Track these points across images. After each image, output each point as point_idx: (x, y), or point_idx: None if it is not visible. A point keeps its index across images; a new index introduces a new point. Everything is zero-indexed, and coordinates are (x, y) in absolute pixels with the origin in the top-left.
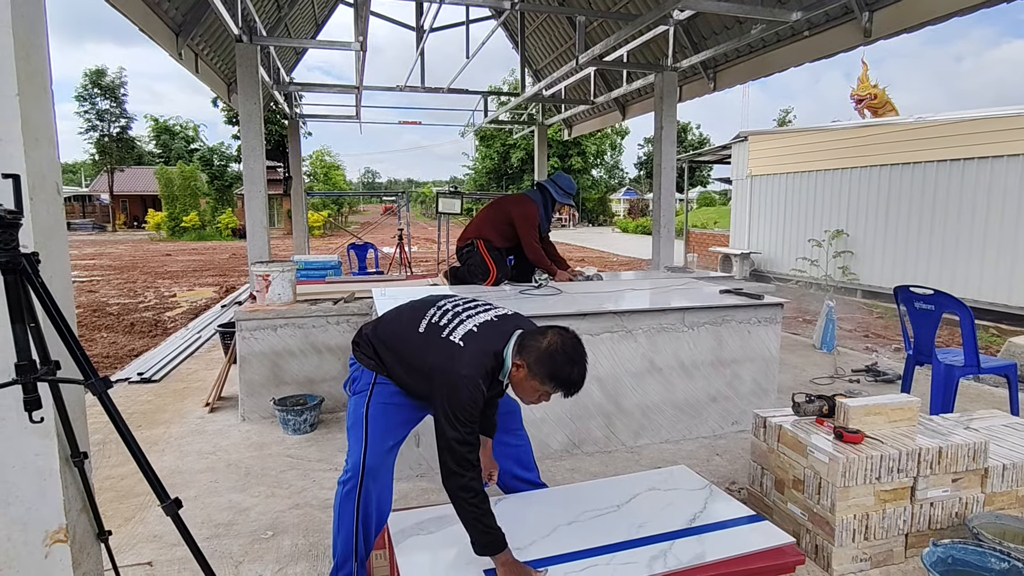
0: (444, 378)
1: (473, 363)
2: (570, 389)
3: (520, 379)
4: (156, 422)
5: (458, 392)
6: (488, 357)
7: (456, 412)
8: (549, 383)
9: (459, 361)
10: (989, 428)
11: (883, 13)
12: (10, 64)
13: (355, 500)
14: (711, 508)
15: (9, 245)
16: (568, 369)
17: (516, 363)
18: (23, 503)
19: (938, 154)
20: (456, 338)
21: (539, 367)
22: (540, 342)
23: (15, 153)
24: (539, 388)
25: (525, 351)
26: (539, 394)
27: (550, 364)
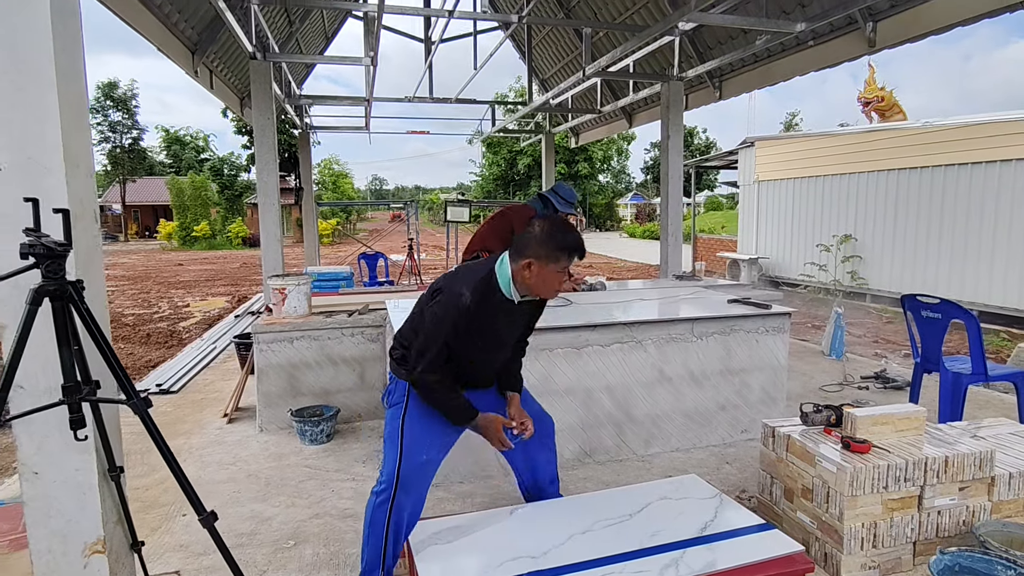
0: (437, 297)
1: (465, 281)
2: (579, 251)
3: (536, 274)
4: (176, 433)
5: (435, 305)
6: (477, 273)
7: (428, 324)
8: (563, 255)
9: (452, 280)
10: (996, 436)
11: (886, 23)
12: (53, 100)
13: (387, 511)
14: (722, 517)
15: (58, 275)
16: (570, 236)
17: (524, 264)
18: (63, 516)
19: (946, 158)
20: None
21: (546, 249)
22: (532, 235)
23: (58, 183)
24: (556, 268)
25: (526, 250)
26: (559, 275)
27: (554, 241)
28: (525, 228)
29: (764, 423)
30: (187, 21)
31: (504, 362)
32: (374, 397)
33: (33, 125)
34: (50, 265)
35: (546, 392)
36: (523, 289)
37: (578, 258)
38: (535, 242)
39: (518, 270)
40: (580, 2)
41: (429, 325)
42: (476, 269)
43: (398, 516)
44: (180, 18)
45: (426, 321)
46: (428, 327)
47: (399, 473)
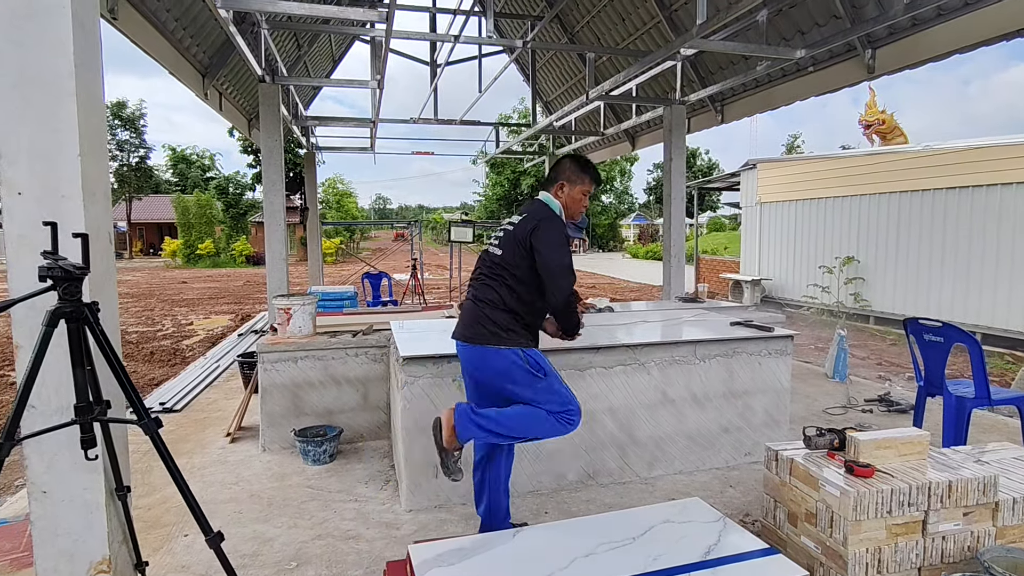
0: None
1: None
2: (598, 176)
3: (571, 195)
4: (179, 452)
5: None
6: (545, 209)
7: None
8: (586, 177)
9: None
10: (1000, 461)
11: (885, 50)
12: (73, 128)
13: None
14: (725, 541)
15: (74, 297)
16: (589, 165)
17: (558, 187)
18: (70, 535)
19: (948, 181)
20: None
21: (573, 174)
22: (562, 166)
23: (76, 208)
24: (582, 189)
25: (558, 178)
26: (583, 196)
27: (578, 167)
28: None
29: (767, 446)
30: (199, 45)
31: None
32: (378, 417)
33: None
34: (67, 287)
35: None
36: (563, 212)
37: (596, 184)
38: (566, 168)
39: (554, 193)
40: (583, 27)
41: (553, 244)
42: (539, 208)
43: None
44: (192, 43)
45: (548, 246)
46: (553, 245)
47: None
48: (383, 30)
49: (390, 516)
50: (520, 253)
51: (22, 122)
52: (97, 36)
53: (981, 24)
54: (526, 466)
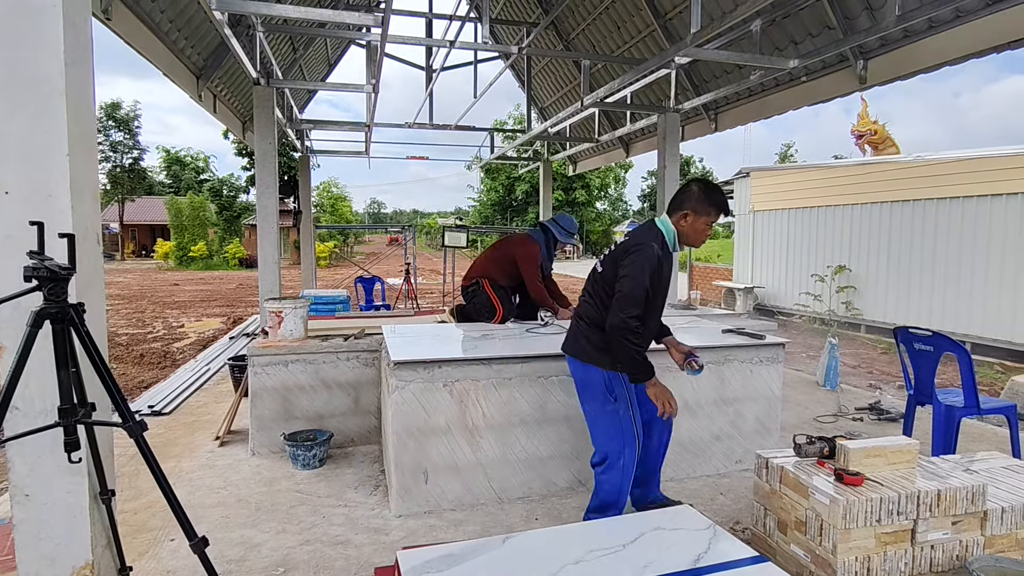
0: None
1: (645, 238)
2: (726, 209)
3: (691, 225)
4: (167, 456)
5: (635, 255)
6: (650, 233)
7: (632, 270)
8: (712, 209)
9: (635, 239)
10: (989, 470)
11: (877, 61)
12: (62, 128)
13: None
14: (715, 549)
15: (60, 297)
16: (718, 195)
17: (681, 215)
18: (53, 539)
19: (938, 192)
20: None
21: (699, 205)
22: (690, 191)
23: (64, 208)
24: (706, 221)
25: (684, 204)
26: (706, 227)
27: (705, 199)
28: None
29: (758, 454)
30: (193, 47)
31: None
32: (368, 422)
33: (42, 151)
34: (53, 288)
35: (541, 419)
36: (680, 240)
37: (724, 214)
38: (693, 197)
39: (676, 221)
40: (579, 35)
41: (633, 273)
42: (645, 231)
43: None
44: (187, 44)
45: (628, 272)
46: (632, 274)
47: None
48: (379, 34)
49: (379, 522)
50: (614, 272)
51: (11, 120)
52: (88, 35)
53: (971, 36)
54: (517, 472)
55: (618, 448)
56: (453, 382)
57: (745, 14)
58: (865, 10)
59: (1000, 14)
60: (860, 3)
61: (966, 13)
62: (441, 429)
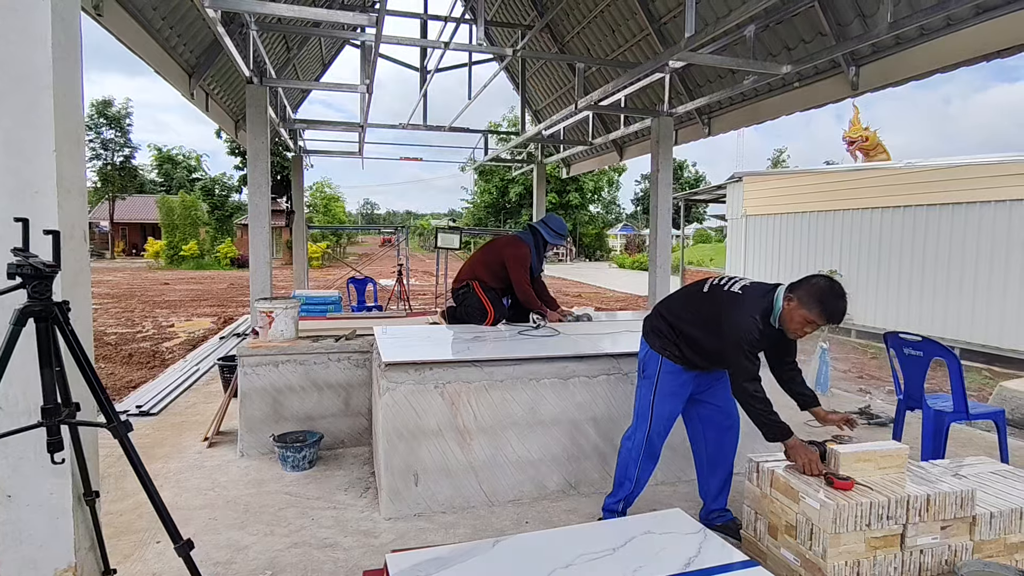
0: (734, 317)
1: (753, 305)
2: (833, 318)
3: (791, 311)
4: (154, 457)
5: (744, 325)
6: (762, 300)
7: (743, 339)
8: (816, 309)
9: (743, 305)
10: (978, 475)
11: (869, 68)
12: (49, 123)
13: (637, 460)
14: (705, 553)
15: (44, 295)
16: (834, 302)
17: (788, 297)
18: (35, 541)
19: (928, 198)
20: (735, 289)
21: (809, 299)
22: (809, 281)
23: (50, 205)
24: (807, 317)
25: (799, 287)
26: (806, 323)
27: (819, 296)
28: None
29: (749, 458)
30: (186, 45)
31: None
32: (359, 423)
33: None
34: (37, 286)
35: (532, 422)
36: (779, 320)
37: (832, 324)
38: (808, 288)
39: (785, 297)
40: (574, 38)
41: (728, 346)
42: (761, 294)
43: (642, 467)
44: (179, 42)
45: (726, 346)
46: (728, 347)
47: (647, 442)
48: (373, 35)
49: (368, 524)
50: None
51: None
52: (77, 31)
53: (962, 45)
54: (507, 475)
55: (632, 425)
56: (444, 384)
57: (739, 19)
58: (857, 17)
59: (990, 23)
60: (853, 10)
61: (957, 22)
62: (432, 431)
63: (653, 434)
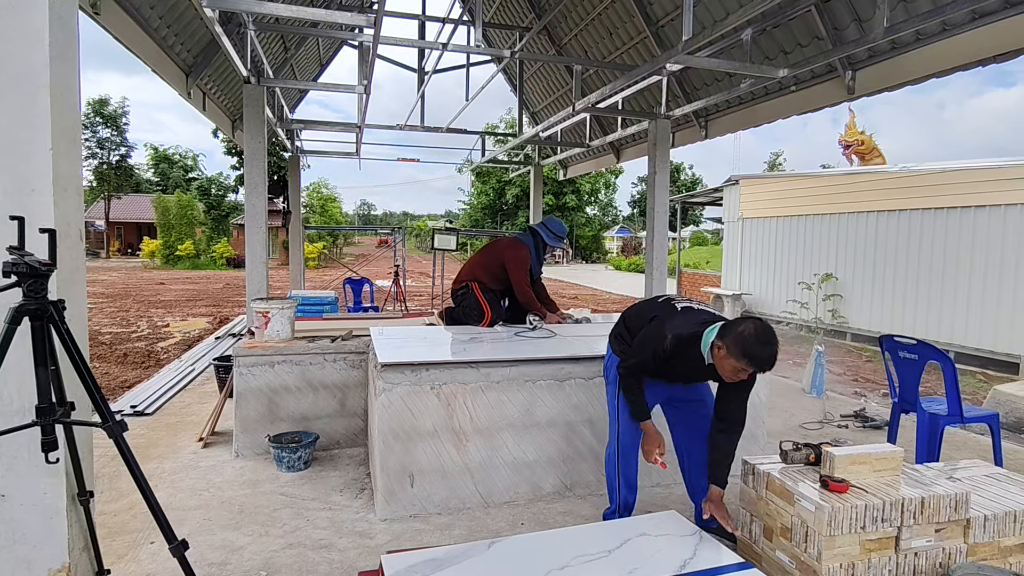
0: (657, 325)
1: (679, 326)
2: (760, 366)
3: (720, 359)
4: (149, 457)
5: (656, 336)
6: (692, 327)
7: (647, 344)
8: (743, 360)
9: (672, 319)
10: (972, 478)
11: (865, 72)
12: (46, 122)
13: (615, 464)
14: (701, 555)
15: (39, 294)
16: (759, 349)
17: (717, 344)
18: (29, 541)
19: (923, 202)
20: (680, 306)
21: (734, 347)
22: (741, 327)
23: (46, 203)
24: (735, 366)
25: (726, 334)
26: (737, 371)
27: (743, 345)
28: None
29: (744, 460)
30: (183, 44)
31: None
32: (355, 424)
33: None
34: (32, 284)
35: (528, 424)
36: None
37: (761, 371)
38: (733, 335)
39: (713, 345)
40: (571, 40)
41: (638, 342)
42: (694, 319)
43: (624, 469)
44: (176, 41)
45: (640, 336)
46: (637, 343)
47: (619, 447)
48: (371, 35)
49: (364, 525)
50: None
51: None
52: (75, 29)
53: (957, 50)
54: (503, 476)
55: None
56: (440, 385)
57: (736, 23)
58: (854, 21)
59: (985, 28)
60: (849, 15)
61: (952, 27)
62: (428, 432)
63: (624, 440)
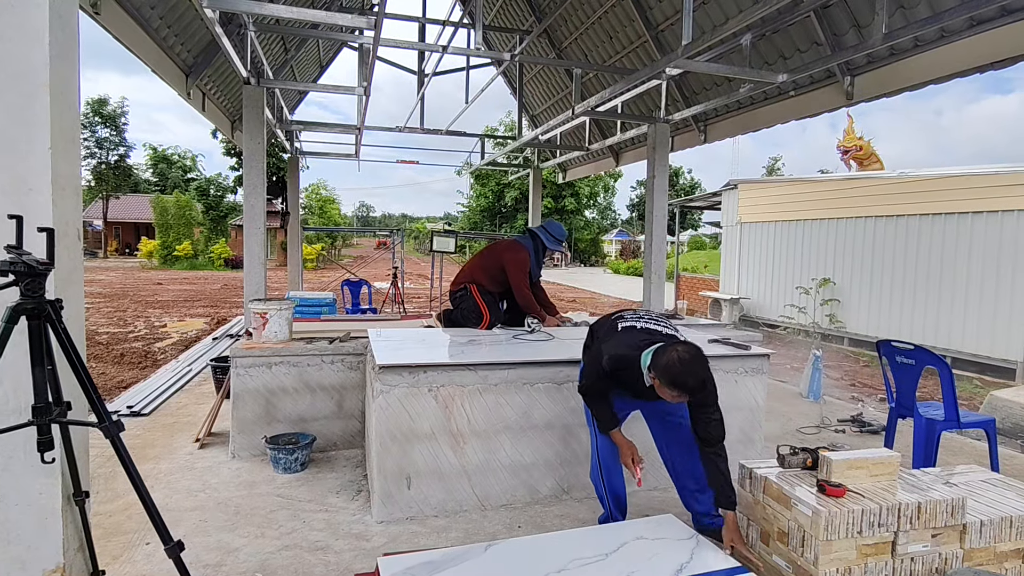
0: (599, 346)
1: (615, 346)
2: (690, 392)
3: (657, 386)
4: (145, 457)
5: (596, 358)
6: (627, 349)
7: (588, 368)
8: (672, 389)
9: (610, 341)
10: (968, 483)
11: (864, 78)
12: (45, 121)
13: (599, 477)
14: (698, 558)
15: (37, 293)
16: (684, 378)
17: (650, 373)
18: (24, 541)
19: (920, 208)
20: (621, 325)
21: (663, 376)
22: (669, 356)
23: (44, 203)
24: (669, 393)
25: (655, 364)
26: (673, 397)
27: (669, 374)
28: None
29: (741, 464)
30: (183, 44)
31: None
32: (352, 426)
33: (23, 144)
34: (30, 283)
35: (526, 426)
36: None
37: (692, 397)
38: (661, 366)
39: (650, 375)
40: (571, 43)
41: (586, 361)
42: (632, 340)
43: (608, 479)
44: (176, 41)
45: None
46: (586, 362)
47: (598, 455)
48: (371, 37)
49: (360, 527)
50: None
51: None
52: (75, 28)
53: (956, 56)
54: (500, 479)
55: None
56: (438, 387)
57: (735, 28)
58: (853, 27)
59: (983, 35)
60: (848, 21)
61: (951, 33)
62: (425, 434)
63: (603, 452)
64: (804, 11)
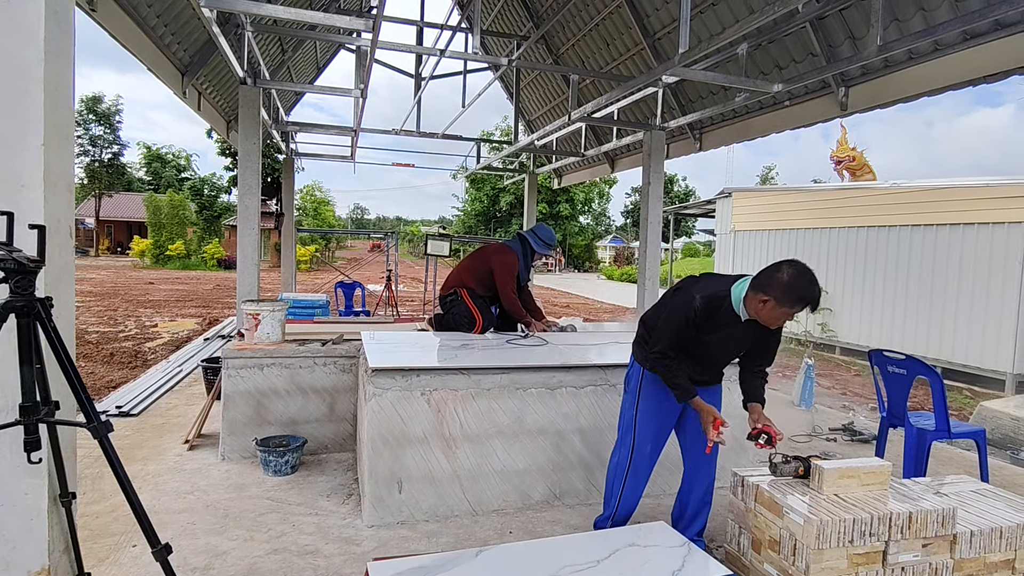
0: (679, 296)
1: (703, 287)
2: (815, 305)
3: (768, 310)
4: (133, 458)
5: (681, 301)
6: (715, 287)
7: (674, 315)
8: (798, 305)
9: (693, 286)
10: (958, 494)
11: (858, 89)
12: (39, 117)
13: (623, 475)
14: (689, 566)
15: (27, 291)
16: (810, 289)
17: (762, 299)
18: (8, 543)
19: (912, 219)
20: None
21: (787, 296)
22: (779, 278)
23: (36, 199)
24: (788, 311)
25: (769, 289)
26: (785, 316)
27: (795, 290)
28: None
29: (733, 472)
30: (180, 43)
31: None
32: (344, 429)
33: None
34: (20, 281)
35: (518, 432)
36: (751, 314)
37: (811, 311)
38: (780, 286)
39: (752, 300)
40: (568, 49)
41: (666, 315)
42: (717, 282)
43: (633, 482)
44: (173, 40)
45: (666, 311)
46: (665, 317)
47: (631, 461)
48: (369, 39)
49: (350, 531)
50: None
51: None
52: (70, 25)
53: (949, 69)
54: (492, 484)
55: (617, 441)
56: (431, 391)
57: (732, 37)
58: (848, 39)
59: (976, 49)
60: (843, 32)
61: (944, 47)
62: (417, 438)
63: (637, 454)
64: (800, 22)
